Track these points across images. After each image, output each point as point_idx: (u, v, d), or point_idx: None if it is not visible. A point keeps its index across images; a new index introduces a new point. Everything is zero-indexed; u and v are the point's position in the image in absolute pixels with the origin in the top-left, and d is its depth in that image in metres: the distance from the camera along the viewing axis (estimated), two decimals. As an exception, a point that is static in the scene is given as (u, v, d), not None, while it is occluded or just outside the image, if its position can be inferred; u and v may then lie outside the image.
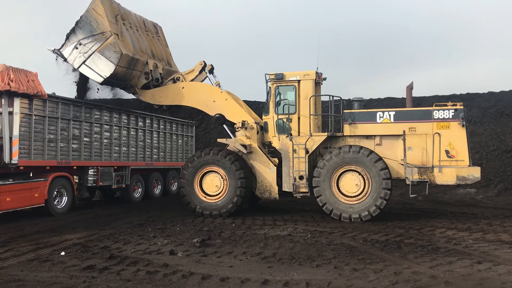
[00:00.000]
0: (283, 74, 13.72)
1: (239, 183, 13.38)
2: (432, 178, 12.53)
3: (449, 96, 27.47)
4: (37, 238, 10.00)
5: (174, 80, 15.40)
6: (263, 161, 13.86)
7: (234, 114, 14.43)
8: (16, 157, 12.09)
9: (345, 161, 12.72)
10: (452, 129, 12.54)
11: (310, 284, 6.68)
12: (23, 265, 7.70)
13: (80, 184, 14.76)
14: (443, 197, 19.30)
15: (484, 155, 22.94)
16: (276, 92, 13.84)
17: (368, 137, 13.24)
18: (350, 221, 12.36)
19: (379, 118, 13.08)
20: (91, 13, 14.21)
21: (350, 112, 13.40)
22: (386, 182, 12.36)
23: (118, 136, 16.29)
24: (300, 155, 13.27)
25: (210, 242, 9.62)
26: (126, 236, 10.33)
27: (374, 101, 27.38)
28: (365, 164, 12.54)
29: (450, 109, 12.68)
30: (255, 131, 14.07)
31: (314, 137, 13.30)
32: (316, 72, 13.76)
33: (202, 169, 13.87)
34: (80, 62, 14.17)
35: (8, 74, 11.85)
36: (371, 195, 12.43)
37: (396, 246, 9.29)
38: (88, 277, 6.98)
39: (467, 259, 8.19)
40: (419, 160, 12.76)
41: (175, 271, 7.29)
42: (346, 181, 12.78)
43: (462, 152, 12.49)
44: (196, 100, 14.89)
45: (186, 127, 20.95)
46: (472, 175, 12.34)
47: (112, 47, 14.07)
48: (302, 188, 13.31)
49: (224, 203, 13.52)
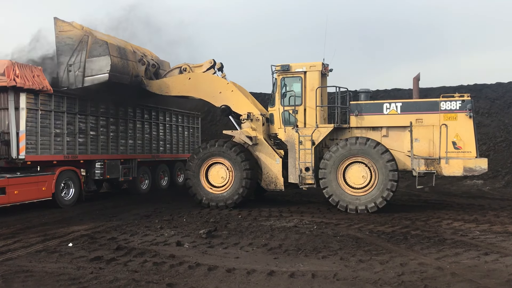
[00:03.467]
0: (289, 65, 13.63)
1: (245, 174, 13.41)
2: (439, 170, 12.47)
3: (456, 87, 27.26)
4: (45, 229, 10.09)
5: (180, 71, 15.36)
6: (268, 152, 13.86)
7: (240, 105, 14.41)
8: (23, 152, 12.19)
9: (352, 152, 12.66)
10: (459, 121, 12.42)
11: (316, 275, 6.69)
12: (31, 256, 7.78)
13: (87, 177, 14.85)
14: (450, 189, 19.21)
15: (492, 146, 22.78)
16: (282, 84, 13.78)
17: (374, 128, 13.16)
18: (357, 213, 12.34)
19: (386, 109, 12.99)
20: (61, 36, 14.21)
21: (357, 104, 13.30)
22: (392, 173, 12.30)
23: (124, 129, 16.34)
24: (306, 147, 13.25)
25: (217, 233, 9.66)
26: (133, 227, 10.40)
27: (381, 92, 27.24)
28: (371, 155, 12.48)
29: (458, 100, 12.56)
30: (260, 123, 14.05)
31: (320, 129, 13.25)
32: (323, 63, 13.68)
33: (208, 160, 13.89)
34: (80, 79, 14.06)
35: (14, 70, 11.91)
36: (378, 187, 12.38)
37: (403, 238, 9.27)
38: (95, 268, 7.04)
39: (474, 251, 8.16)
40: (426, 151, 12.68)
41: (181, 262, 7.33)
42: (352, 172, 12.73)
43: (469, 143, 12.39)
44: (202, 91, 14.87)
45: (192, 119, 20.97)
46: (479, 166, 12.25)
47: (96, 44, 14.06)
48: (308, 180, 13.29)
49: (230, 194, 13.56)
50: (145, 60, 15.50)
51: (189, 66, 15.29)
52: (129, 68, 14.89)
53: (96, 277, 6.57)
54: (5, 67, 11.85)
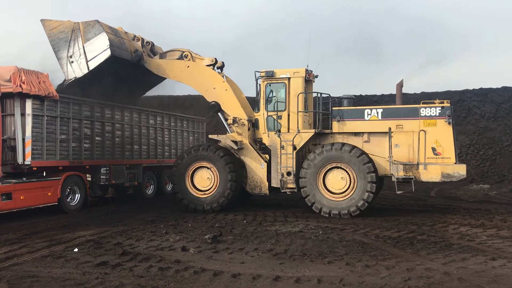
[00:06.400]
0: (273, 71, 13.88)
1: (229, 176, 13.58)
2: (417, 175, 12.62)
3: (461, 91, 27.21)
4: (50, 234, 10.11)
5: (181, 56, 15.22)
6: (254, 157, 14.05)
7: (229, 106, 14.54)
8: (29, 158, 12.24)
9: (329, 159, 12.85)
10: (439, 127, 12.58)
11: (321, 280, 6.66)
12: (37, 261, 7.79)
13: (93, 183, 14.88)
14: (456, 193, 19.11)
15: (498, 151, 22.68)
16: (268, 90, 14.03)
17: (356, 134, 13.34)
18: (340, 217, 12.49)
19: (367, 115, 13.18)
20: (53, 33, 14.40)
21: (339, 110, 13.52)
22: (370, 175, 12.44)
23: (129, 135, 16.39)
24: (288, 152, 13.46)
25: (222, 239, 9.65)
26: (139, 232, 10.40)
27: (386, 96, 27.21)
28: (348, 160, 12.65)
29: (437, 106, 12.71)
30: (246, 128, 14.22)
31: (301, 134, 13.45)
32: (306, 69, 13.94)
33: (193, 165, 14.10)
34: (85, 65, 14.22)
35: (20, 76, 11.99)
36: (358, 191, 12.54)
37: (409, 243, 9.22)
38: (101, 273, 7.04)
39: (481, 256, 8.10)
40: (406, 157, 12.83)
41: (187, 267, 7.32)
42: (332, 178, 12.90)
43: (448, 149, 12.52)
44: (197, 82, 14.93)
45: (197, 124, 21.02)
46: (458, 172, 12.36)
47: (88, 27, 14.25)
48: (289, 184, 13.52)
49: (215, 198, 13.72)
50: (138, 37, 15.53)
51: (191, 54, 15.20)
52: (126, 44, 14.92)
53: (102, 282, 6.57)
54: (11, 73, 11.91)
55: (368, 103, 26.03)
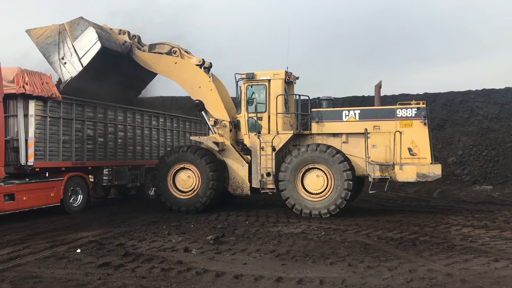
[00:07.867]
0: (254, 73, 14.00)
1: (210, 176, 13.70)
2: (393, 175, 12.71)
3: (464, 92, 27.19)
4: (53, 235, 10.13)
5: (170, 52, 15.22)
6: (235, 158, 14.16)
7: (213, 106, 14.60)
8: (32, 159, 12.27)
9: (306, 160, 13.00)
10: (415, 127, 12.69)
11: (324, 281, 6.66)
12: (39, 262, 7.82)
13: (95, 184, 14.90)
14: (459, 194, 19.06)
15: (501, 152, 22.63)
16: (249, 91, 14.13)
17: (335, 135, 13.46)
18: (321, 217, 12.61)
19: (345, 116, 13.31)
20: (40, 41, 14.47)
21: (318, 111, 13.63)
22: (346, 173, 12.58)
23: (132, 136, 16.42)
24: (267, 153, 13.60)
25: (224, 240, 9.65)
26: (141, 233, 10.42)
27: (388, 97, 27.18)
28: (324, 160, 12.81)
29: (413, 107, 12.82)
30: (227, 129, 14.32)
31: (280, 135, 13.58)
32: (286, 71, 14.05)
33: (174, 166, 14.19)
34: (78, 63, 14.23)
35: (23, 77, 12.03)
36: (335, 189, 12.69)
37: (411, 244, 9.21)
38: (103, 274, 7.06)
39: (484, 257, 8.08)
40: (383, 157, 12.94)
41: (189, 268, 7.33)
42: (310, 179, 13.05)
43: (424, 150, 12.62)
44: (183, 80, 14.97)
45: (199, 125, 21.03)
46: (433, 172, 12.44)
47: (74, 25, 14.31)
48: (269, 185, 13.67)
49: (197, 198, 13.82)
50: (124, 31, 15.55)
51: (180, 50, 15.21)
52: (113, 37, 14.97)
53: (104, 283, 6.58)
54: (14, 74, 11.96)
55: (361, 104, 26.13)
